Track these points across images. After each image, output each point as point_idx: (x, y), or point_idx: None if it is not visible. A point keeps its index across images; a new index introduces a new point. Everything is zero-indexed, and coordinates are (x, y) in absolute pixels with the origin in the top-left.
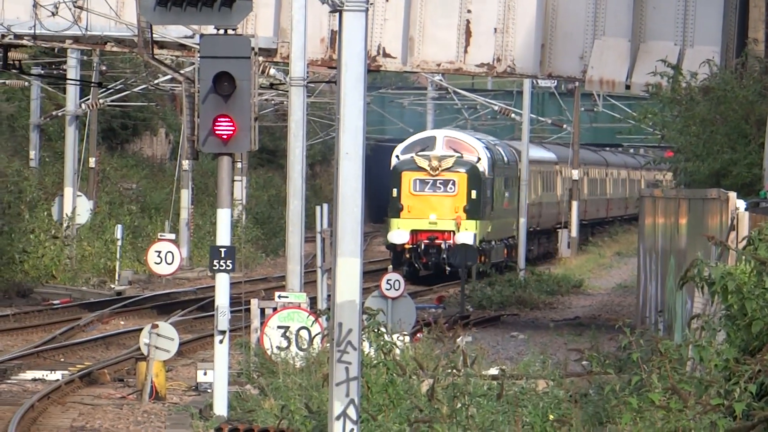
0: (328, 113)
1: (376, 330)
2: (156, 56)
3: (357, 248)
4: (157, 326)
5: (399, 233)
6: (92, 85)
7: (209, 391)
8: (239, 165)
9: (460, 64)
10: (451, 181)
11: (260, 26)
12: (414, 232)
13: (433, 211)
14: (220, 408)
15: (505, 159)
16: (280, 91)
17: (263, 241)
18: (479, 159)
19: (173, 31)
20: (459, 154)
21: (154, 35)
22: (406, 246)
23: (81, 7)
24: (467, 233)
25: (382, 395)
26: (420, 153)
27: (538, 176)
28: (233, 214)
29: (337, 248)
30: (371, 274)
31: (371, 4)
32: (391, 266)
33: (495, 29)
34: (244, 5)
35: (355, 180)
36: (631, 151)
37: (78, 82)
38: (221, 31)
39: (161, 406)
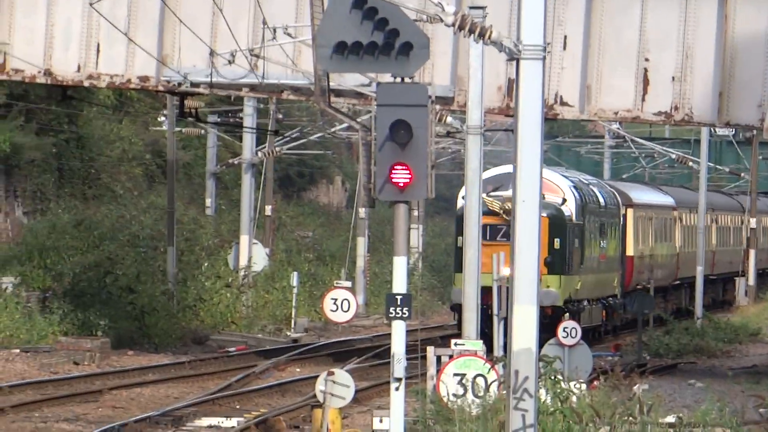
0: (505, 162)
1: (552, 377)
2: (332, 104)
3: (534, 296)
4: (333, 373)
5: None
6: (269, 133)
7: None
8: (415, 213)
9: (638, 112)
10: None
11: (437, 74)
12: (485, 290)
13: (508, 264)
14: None
15: (601, 201)
16: (457, 140)
17: (439, 289)
18: (565, 200)
19: (350, 80)
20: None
21: (330, 83)
22: None
23: (257, 56)
24: (549, 291)
25: None
26: (492, 194)
27: (649, 223)
28: (409, 261)
29: (514, 296)
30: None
31: (548, 52)
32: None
33: (673, 77)
34: (422, 54)
35: (532, 228)
36: None
37: (254, 130)
38: (398, 80)
39: None
